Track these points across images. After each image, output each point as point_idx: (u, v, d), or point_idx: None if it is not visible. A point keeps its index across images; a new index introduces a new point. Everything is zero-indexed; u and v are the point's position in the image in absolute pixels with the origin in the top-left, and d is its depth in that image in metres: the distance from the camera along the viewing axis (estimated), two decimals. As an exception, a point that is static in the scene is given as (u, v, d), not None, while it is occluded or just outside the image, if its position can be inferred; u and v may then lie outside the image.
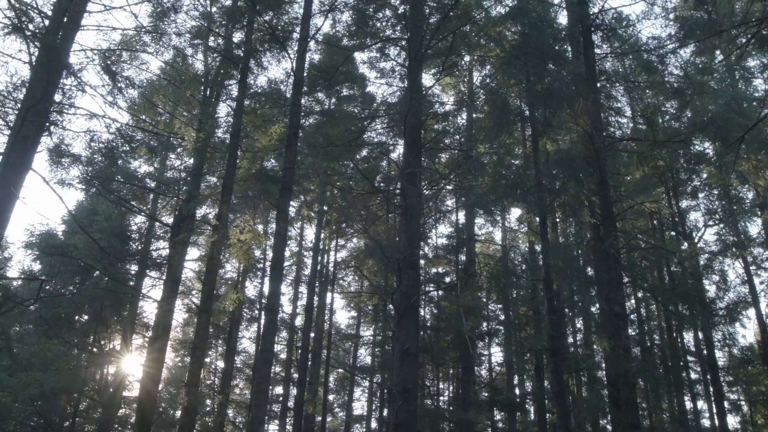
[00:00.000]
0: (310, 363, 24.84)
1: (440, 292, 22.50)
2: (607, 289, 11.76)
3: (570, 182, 14.02)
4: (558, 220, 21.14)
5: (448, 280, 26.07)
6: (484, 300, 24.88)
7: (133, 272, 22.60)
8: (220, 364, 30.20)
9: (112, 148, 16.43)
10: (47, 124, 11.45)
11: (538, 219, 15.26)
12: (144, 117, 19.03)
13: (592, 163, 13.01)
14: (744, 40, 17.13)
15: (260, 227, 28.04)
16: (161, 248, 22.96)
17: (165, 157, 22.50)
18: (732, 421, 26.78)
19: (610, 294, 11.58)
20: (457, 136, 21.96)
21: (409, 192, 11.87)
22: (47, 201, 68.42)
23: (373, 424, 34.26)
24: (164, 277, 21.01)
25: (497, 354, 33.46)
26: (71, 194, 57.81)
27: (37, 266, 20.69)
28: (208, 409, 25.85)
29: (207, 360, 31.55)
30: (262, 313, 31.49)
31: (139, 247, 21.86)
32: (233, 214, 21.31)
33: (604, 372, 17.64)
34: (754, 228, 39.86)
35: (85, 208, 22.58)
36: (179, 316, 29.57)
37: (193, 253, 39.67)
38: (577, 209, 14.91)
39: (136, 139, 18.35)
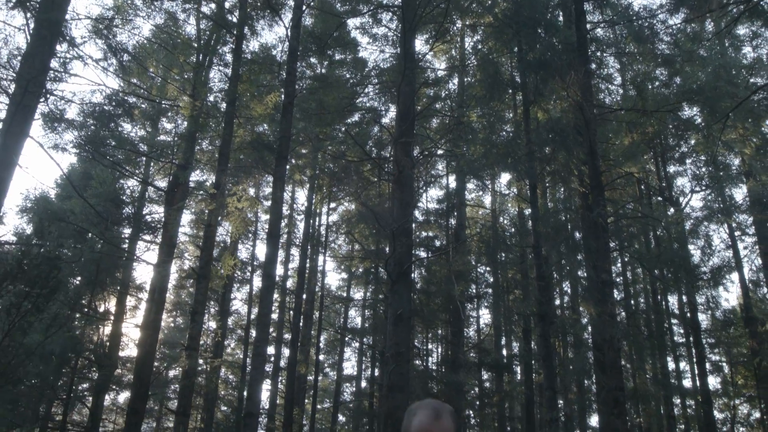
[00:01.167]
0: (302, 324, 25.26)
1: (431, 255, 22.82)
2: (594, 257, 12.09)
3: (560, 151, 14.26)
4: (548, 186, 21.43)
5: (438, 244, 26.39)
6: (474, 263, 25.24)
7: (125, 235, 22.80)
8: (213, 324, 30.62)
9: (105, 113, 16.51)
10: (44, 91, 11.56)
11: (528, 186, 15.52)
12: (136, 81, 19.05)
13: (582, 133, 13.23)
14: (735, 10, 17.29)
15: (252, 191, 28.23)
16: (154, 212, 23.13)
17: (157, 120, 22.55)
18: (713, 381, 27.57)
19: (597, 262, 11.92)
20: (449, 102, 22.08)
21: (403, 161, 12.07)
22: (39, 165, 68.13)
23: (363, 384, 34.95)
24: (158, 241, 21.23)
25: (485, 316, 34.05)
26: (64, 159, 57.58)
27: (30, 229, 20.84)
28: (201, 368, 26.30)
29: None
30: (255, 274, 31.88)
31: (133, 211, 22.02)
32: (229, 182, 21.47)
33: (590, 335, 18.11)
34: (740, 194, 40.35)
35: (78, 171, 22.65)
36: (172, 278, 29.89)
37: (185, 216, 39.92)
38: (566, 177, 15.18)
39: (128, 103, 18.40)
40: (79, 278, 21.49)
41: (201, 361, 27.84)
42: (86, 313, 20.40)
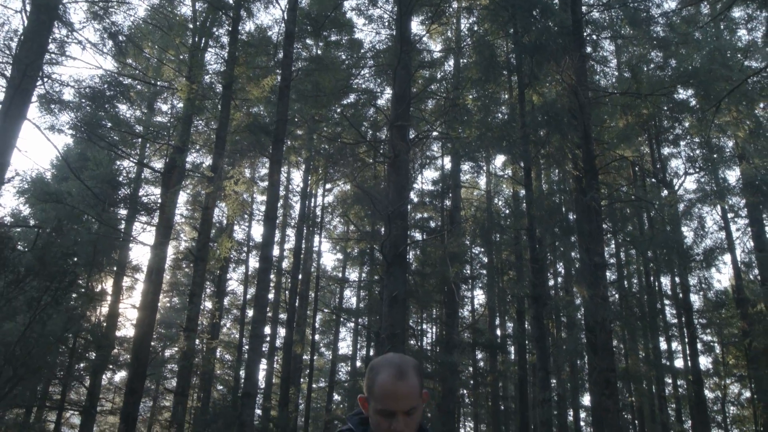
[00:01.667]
0: (297, 305, 25.44)
1: (426, 238, 22.96)
2: (587, 240, 12.24)
3: (554, 135, 14.36)
4: (542, 168, 21.54)
5: (433, 225, 26.52)
6: (468, 243, 25.39)
7: (120, 216, 22.88)
8: (209, 305, 30.82)
9: (101, 94, 16.51)
10: (41, 74, 11.61)
11: (522, 169, 15.62)
12: (132, 62, 19.03)
13: (577, 116, 13.33)
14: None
15: (247, 171, 28.28)
16: (151, 193, 23.20)
17: (153, 102, 22.55)
18: (704, 361, 27.91)
19: (590, 245, 12.07)
20: (444, 83, 22.11)
21: (398, 145, 12.16)
22: (34, 146, 67.93)
23: (358, 363, 35.25)
24: (154, 222, 21.32)
25: (480, 296, 34.28)
26: (59, 140, 57.39)
27: (26, 210, 20.91)
28: (198, 349, 26.52)
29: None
30: (250, 255, 32.01)
31: (129, 192, 22.08)
32: (226, 164, 21.53)
33: (582, 316, 18.33)
34: (733, 176, 40.54)
35: (74, 153, 22.67)
36: (168, 259, 29.98)
37: (181, 197, 39.99)
38: (561, 161, 15.29)
39: (123, 85, 18.39)
40: (75, 259, 21.59)
41: (198, 342, 28.06)
42: (83, 293, 20.53)
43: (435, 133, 21.81)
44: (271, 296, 32.75)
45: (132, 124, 20.32)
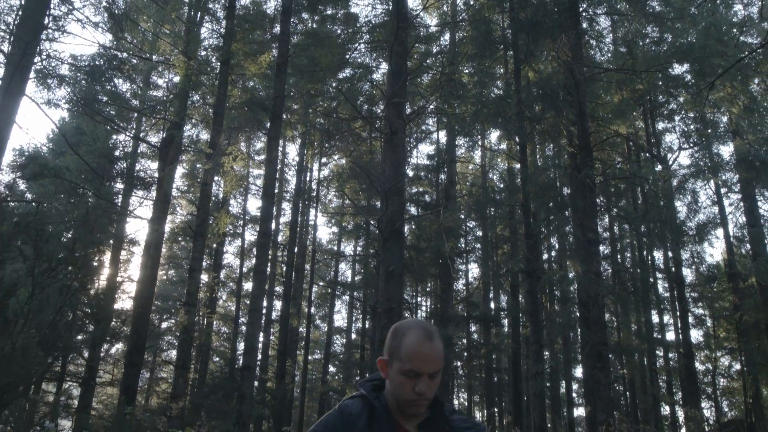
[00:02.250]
0: (293, 278, 25.64)
1: (422, 214, 23.10)
2: (581, 216, 12.41)
3: (550, 111, 14.45)
4: (537, 143, 21.62)
5: (428, 199, 26.65)
6: (463, 217, 25.55)
7: (117, 190, 22.94)
8: (204, 277, 31.02)
9: (97, 68, 16.51)
10: (39, 50, 11.64)
11: (518, 145, 15.72)
12: (127, 36, 18.97)
13: (572, 93, 13.42)
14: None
15: (243, 145, 28.31)
16: (147, 168, 23.25)
17: (149, 76, 22.49)
18: (695, 334, 28.30)
19: (584, 221, 12.24)
20: (440, 57, 22.09)
21: (395, 122, 12.24)
22: (30, 121, 67.60)
23: (353, 336, 35.59)
24: (150, 196, 21.41)
25: (474, 270, 34.57)
26: (55, 114, 57.01)
27: (24, 185, 20.96)
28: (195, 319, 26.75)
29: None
30: (246, 228, 32.15)
31: (125, 167, 22.13)
32: (223, 141, 21.55)
33: (576, 291, 18.55)
34: (727, 151, 40.64)
35: (70, 127, 22.66)
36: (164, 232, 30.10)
37: (177, 171, 40.02)
38: (556, 137, 15.39)
39: (119, 59, 18.36)
40: (71, 232, 21.71)
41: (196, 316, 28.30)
42: (80, 266, 20.62)
43: (431, 107, 21.85)
44: (267, 269, 32.96)
45: (128, 99, 20.32)
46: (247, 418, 11.61)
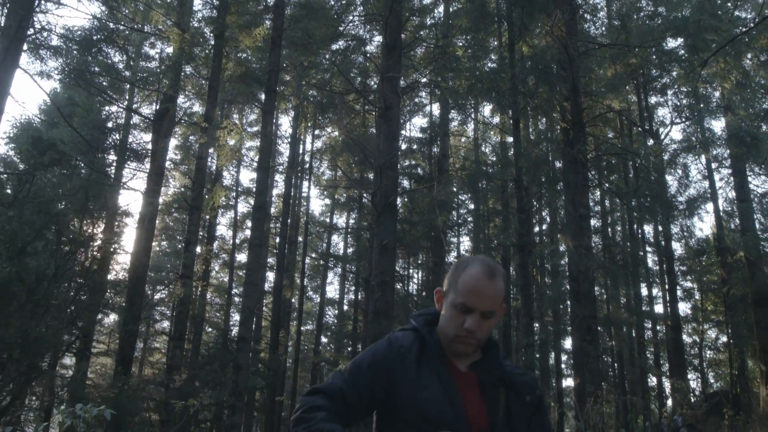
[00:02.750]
0: (286, 250, 25.78)
1: (416, 188, 23.20)
2: (573, 192, 12.55)
3: (543, 86, 14.51)
4: (530, 117, 21.69)
5: (420, 172, 26.72)
6: (455, 190, 25.66)
7: (110, 161, 22.90)
8: (198, 249, 31.09)
9: (88, 39, 16.41)
10: (32, 21, 11.61)
11: (511, 120, 15.80)
12: (122, 7, 18.84)
13: (566, 68, 13.48)
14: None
15: (236, 117, 28.26)
16: (140, 139, 23.20)
17: (140, 46, 22.34)
18: (683, 307, 28.61)
19: (576, 196, 12.38)
20: (434, 30, 22.02)
21: (390, 97, 12.30)
22: (21, 92, 66.91)
23: (345, 307, 35.86)
24: (143, 168, 21.40)
25: (466, 242, 34.74)
26: (47, 85, 56.49)
27: (16, 157, 20.90)
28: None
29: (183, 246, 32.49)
30: (239, 200, 32.21)
31: (119, 138, 22.08)
32: (218, 114, 21.50)
33: (566, 264, 18.77)
34: (719, 126, 40.72)
35: (62, 97, 22.55)
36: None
37: (171, 142, 39.88)
38: (549, 112, 15.48)
39: (110, 29, 18.23)
40: (63, 204, 21.71)
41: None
42: (74, 238, 20.68)
43: (424, 80, 21.84)
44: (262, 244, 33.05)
45: (121, 70, 20.21)
46: (243, 389, 11.81)
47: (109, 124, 21.80)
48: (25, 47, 12.73)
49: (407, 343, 2.31)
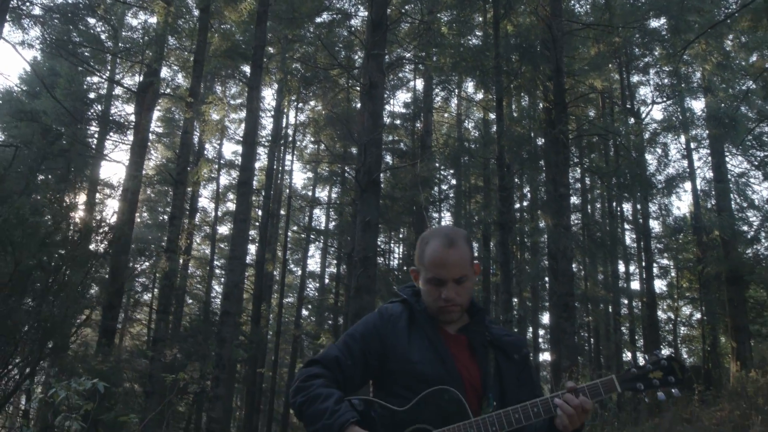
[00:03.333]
0: (268, 223, 25.83)
1: (400, 165, 23.31)
2: (554, 171, 12.75)
3: (527, 66, 14.63)
4: (513, 95, 21.80)
5: (403, 147, 26.79)
6: (438, 166, 25.79)
7: (91, 132, 22.75)
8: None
9: (71, 9, 16.28)
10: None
11: (494, 99, 15.90)
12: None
13: (550, 48, 13.61)
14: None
15: (219, 89, 28.09)
16: (122, 111, 23.05)
17: (123, 16, 22.10)
18: (659, 284, 29.12)
19: (557, 176, 12.58)
20: (419, 4, 21.97)
21: (375, 75, 12.36)
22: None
23: (326, 280, 36.06)
24: (126, 139, 21.33)
25: (447, 217, 34.98)
26: (28, 55, 55.35)
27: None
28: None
29: (165, 217, 32.44)
30: (221, 172, 32.13)
31: (100, 109, 21.94)
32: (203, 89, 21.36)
33: (546, 242, 19.03)
34: (699, 106, 41.00)
35: (42, 67, 22.30)
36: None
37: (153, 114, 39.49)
38: (532, 91, 15.60)
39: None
40: (41, 176, 21.60)
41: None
42: (55, 207, 20.60)
43: (408, 55, 21.85)
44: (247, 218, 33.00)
45: (103, 41, 20.03)
46: (227, 362, 11.99)
47: (91, 95, 21.65)
48: (7, 17, 12.65)
49: (397, 312, 2.45)
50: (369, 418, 2.25)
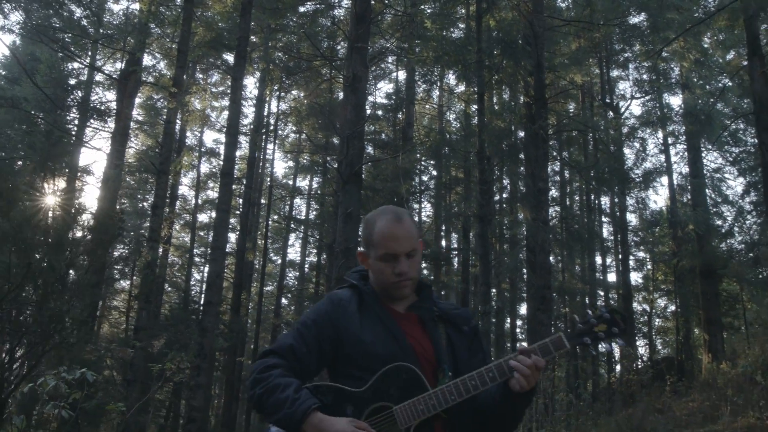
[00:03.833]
0: (249, 212, 25.83)
1: (382, 158, 23.41)
2: (533, 166, 12.94)
3: (508, 61, 14.79)
4: (494, 89, 21.95)
5: (384, 138, 26.87)
6: (419, 156, 25.91)
7: (71, 117, 22.58)
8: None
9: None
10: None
11: (476, 94, 16.05)
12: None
13: (531, 44, 13.77)
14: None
15: (200, 76, 27.98)
16: (103, 97, 22.91)
17: (104, 1, 21.94)
18: (635, 276, 29.56)
19: (536, 170, 12.78)
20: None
21: (358, 68, 12.44)
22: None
23: (306, 269, 36.11)
24: (106, 126, 21.21)
25: (428, 208, 35.17)
26: (7, 39, 54.55)
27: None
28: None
29: (145, 204, 32.32)
30: (201, 160, 32.03)
31: (80, 94, 21.78)
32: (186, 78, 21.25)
33: (524, 234, 19.25)
34: (677, 101, 41.38)
35: (24, 53, 22.11)
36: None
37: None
38: (513, 86, 15.76)
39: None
40: (20, 163, 21.42)
41: (146, 245, 28.31)
42: (34, 194, 20.46)
43: (390, 45, 21.91)
44: (230, 209, 32.89)
45: (85, 27, 19.89)
46: (209, 351, 12.09)
47: (72, 81, 21.49)
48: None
49: (346, 296, 2.50)
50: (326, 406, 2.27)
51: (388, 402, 2.28)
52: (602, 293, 27.05)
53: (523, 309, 30.40)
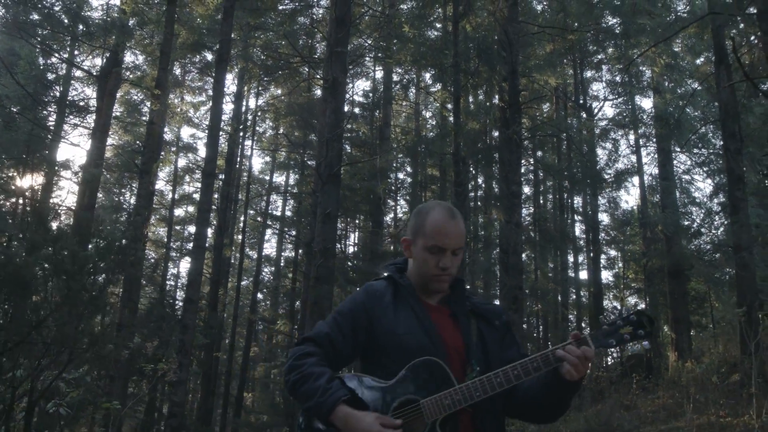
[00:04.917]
0: (226, 208, 25.97)
1: (361, 161, 23.69)
2: (507, 169, 13.32)
3: (484, 66, 15.14)
4: (470, 90, 22.30)
5: (361, 135, 27.11)
6: (395, 154, 26.20)
7: (49, 112, 22.53)
8: (133, 200, 30.87)
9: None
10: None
11: (452, 97, 16.38)
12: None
13: (506, 50, 14.12)
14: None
15: (178, 73, 28.01)
16: (82, 93, 22.88)
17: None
18: (606, 275, 30.18)
19: (509, 174, 13.16)
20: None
21: (337, 73, 12.71)
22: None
23: (282, 264, 36.27)
24: (85, 122, 21.25)
25: (404, 206, 35.49)
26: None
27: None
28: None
29: (122, 199, 32.32)
30: (179, 155, 32.03)
31: (59, 89, 21.75)
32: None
33: (497, 235, 19.66)
34: (649, 103, 42.01)
35: (2, 48, 22.00)
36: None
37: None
38: (489, 91, 16.12)
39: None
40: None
41: (124, 241, 28.28)
42: (12, 189, 20.48)
43: (368, 43, 22.18)
44: (197, 196, 32.99)
45: (64, 21, 19.88)
46: (189, 347, 12.33)
47: (50, 76, 21.47)
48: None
49: (382, 288, 2.57)
50: (357, 398, 2.36)
51: (415, 395, 2.35)
52: (574, 291, 27.60)
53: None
